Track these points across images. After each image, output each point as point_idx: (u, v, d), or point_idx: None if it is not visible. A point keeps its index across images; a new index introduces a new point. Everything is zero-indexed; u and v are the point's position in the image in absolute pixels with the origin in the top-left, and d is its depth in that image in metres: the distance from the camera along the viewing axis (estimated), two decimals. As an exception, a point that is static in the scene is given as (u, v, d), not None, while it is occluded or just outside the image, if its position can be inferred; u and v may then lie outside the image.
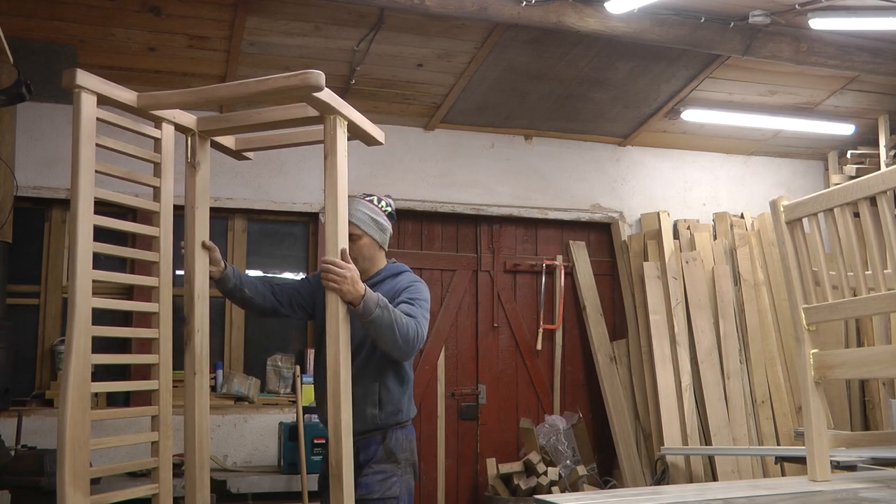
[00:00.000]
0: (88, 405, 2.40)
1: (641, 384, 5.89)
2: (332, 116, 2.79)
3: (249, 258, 5.53)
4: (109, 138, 2.72)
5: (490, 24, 4.71)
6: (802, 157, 6.76)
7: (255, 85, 2.65)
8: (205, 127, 2.99)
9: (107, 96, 2.63)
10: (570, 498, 2.69)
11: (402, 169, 5.75)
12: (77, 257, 2.49)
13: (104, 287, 5.25)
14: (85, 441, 2.32)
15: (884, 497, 2.36)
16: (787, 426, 5.80)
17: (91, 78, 2.56)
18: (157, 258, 2.93)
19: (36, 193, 4.96)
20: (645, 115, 5.95)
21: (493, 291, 6.00)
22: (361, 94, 5.34)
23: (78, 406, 2.33)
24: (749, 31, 4.83)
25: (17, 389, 4.77)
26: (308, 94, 2.62)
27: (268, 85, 2.62)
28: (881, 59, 5.20)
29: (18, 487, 3.99)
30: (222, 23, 4.56)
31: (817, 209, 2.70)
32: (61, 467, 2.22)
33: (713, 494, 2.45)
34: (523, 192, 6.03)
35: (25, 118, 4.89)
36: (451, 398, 5.84)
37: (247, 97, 2.78)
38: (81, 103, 2.56)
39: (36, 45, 4.52)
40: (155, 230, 2.93)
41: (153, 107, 2.81)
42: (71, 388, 2.33)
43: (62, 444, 2.26)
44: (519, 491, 5.23)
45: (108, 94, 2.63)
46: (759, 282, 6.07)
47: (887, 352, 2.63)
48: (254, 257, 5.55)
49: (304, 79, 2.58)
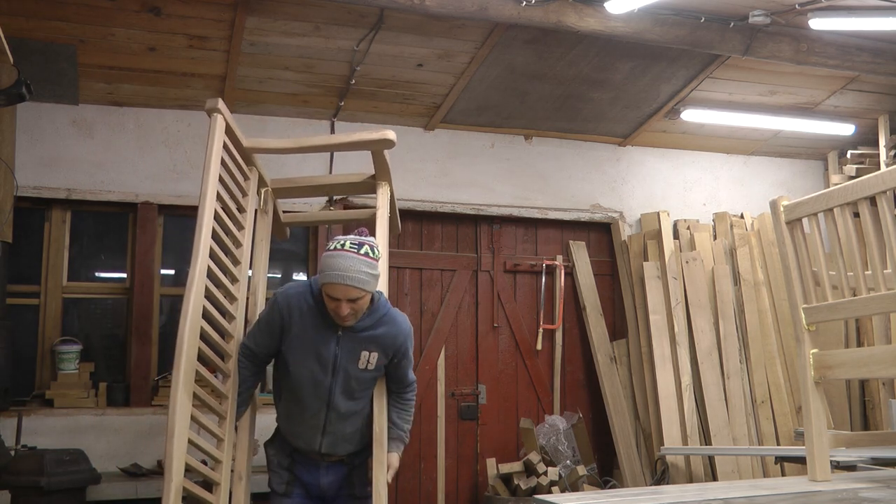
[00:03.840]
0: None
1: (641, 384, 5.89)
2: (384, 182, 3.79)
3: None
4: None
5: (490, 24, 4.71)
6: (802, 157, 6.76)
7: (342, 137, 3.98)
8: (277, 185, 4.02)
9: (230, 126, 3.42)
10: (570, 498, 2.69)
11: (402, 169, 5.74)
12: (199, 252, 3.05)
13: (104, 287, 5.26)
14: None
15: (884, 497, 2.37)
16: (787, 426, 5.80)
17: (225, 110, 3.36)
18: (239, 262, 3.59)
19: (36, 193, 4.95)
20: (645, 115, 5.95)
21: (493, 291, 6.00)
22: (361, 94, 5.34)
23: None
24: (749, 31, 4.83)
25: (18, 389, 4.77)
26: (388, 147, 3.57)
27: (353, 138, 3.70)
28: (881, 59, 5.20)
29: (18, 487, 3.99)
30: (222, 23, 4.56)
31: (817, 209, 2.70)
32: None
33: (713, 494, 2.45)
34: (523, 192, 6.03)
35: (25, 118, 4.89)
36: (451, 398, 5.84)
37: (334, 148, 4.28)
38: (216, 126, 3.27)
39: (36, 45, 4.52)
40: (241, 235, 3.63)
41: (255, 150, 3.67)
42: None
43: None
44: (519, 491, 5.23)
45: (231, 125, 3.43)
46: (759, 282, 6.07)
47: (887, 352, 2.63)
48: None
49: (384, 134, 3.50)
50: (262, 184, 3.91)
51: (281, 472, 3.24)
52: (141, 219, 5.15)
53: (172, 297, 5.29)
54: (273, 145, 3.86)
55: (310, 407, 3.11)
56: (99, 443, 4.80)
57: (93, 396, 4.91)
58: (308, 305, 3.07)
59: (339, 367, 3.06)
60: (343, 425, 3.14)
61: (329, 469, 3.20)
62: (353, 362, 3.07)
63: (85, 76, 4.86)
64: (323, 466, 3.20)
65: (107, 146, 5.12)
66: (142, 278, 5.12)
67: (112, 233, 5.26)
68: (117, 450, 4.86)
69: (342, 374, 3.07)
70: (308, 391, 3.09)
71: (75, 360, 4.92)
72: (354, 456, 3.23)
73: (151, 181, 5.18)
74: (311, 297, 3.07)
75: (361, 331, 3.07)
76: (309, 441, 3.16)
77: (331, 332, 3.05)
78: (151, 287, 5.17)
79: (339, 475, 3.21)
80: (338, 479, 3.21)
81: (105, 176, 5.10)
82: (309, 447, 3.17)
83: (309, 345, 3.06)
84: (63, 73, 4.76)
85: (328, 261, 2.95)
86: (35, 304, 5.05)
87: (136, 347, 5.06)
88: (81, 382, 4.90)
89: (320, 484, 3.20)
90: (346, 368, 3.07)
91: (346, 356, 3.06)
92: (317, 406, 3.09)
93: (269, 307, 3.17)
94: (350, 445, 3.19)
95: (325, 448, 3.15)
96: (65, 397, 4.82)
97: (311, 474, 3.20)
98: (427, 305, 5.84)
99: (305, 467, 3.22)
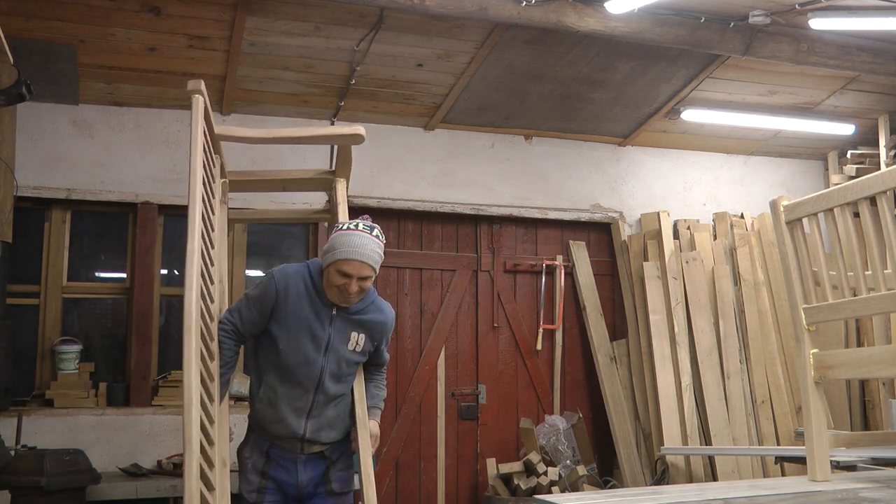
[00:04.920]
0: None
1: (641, 384, 5.89)
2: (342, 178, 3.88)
3: (249, 259, 5.53)
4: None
5: (490, 24, 4.71)
6: (802, 157, 6.76)
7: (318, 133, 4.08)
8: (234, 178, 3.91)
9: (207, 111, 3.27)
10: (570, 498, 2.69)
11: (402, 169, 5.75)
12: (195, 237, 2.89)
13: (104, 287, 5.26)
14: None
15: (884, 497, 2.37)
16: (787, 426, 5.80)
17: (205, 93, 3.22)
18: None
19: (36, 193, 4.95)
20: (645, 116, 5.95)
21: (493, 291, 6.00)
22: (361, 94, 5.34)
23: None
24: (749, 31, 4.83)
25: (18, 389, 4.78)
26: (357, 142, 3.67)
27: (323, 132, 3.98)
28: (881, 59, 5.20)
29: (18, 487, 3.99)
30: (222, 23, 4.56)
31: (817, 209, 2.70)
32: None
33: (713, 494, 2.45)
34: (523, 192, 6.03)
35: (25, 118, 4.89)
36: (451, 398, 5.84)
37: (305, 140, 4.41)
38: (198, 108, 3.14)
39: (36, 45, 4.52)
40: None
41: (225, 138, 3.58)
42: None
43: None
44: (519, 491, 5.23)
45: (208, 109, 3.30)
46: (759, 282, 6.07)
47: (887, 352, 2.63)
48: (253, 258, 5.55)
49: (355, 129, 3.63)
50: (222, 174, 3.80)
51: (252, 478, 3.19)
52: (141, 219, 5.15)
53: (172, 297, 5.29)
54: (243, 134, 3.77)
55: (298, 386, 3.13)
56: (99, 443, 4.80)
57: (93, 396, 4.91)
58: (305, 285, 3.14)
59: (331, 346, 3.14)
60: (327, 409, 3.19)
61: (307, 464, 3.20)
62: (343, 343, 3.17)
63: (85, 76, 4.86)
64: (301, 461, 3.19)
65: (107, 146, 5.13)
66: (142, 278, 5.13)
67: (112, 233, 5.26)
68: (117, 450, 4.86)
69: (333, 355, 3.14)
70: (299, 370, 3.12)
71: (75, 360, 4.92)
72: (333, 448, 3.25)
73: (151, 181, 5.18)
74: (309, 277, 3.15)
75: (354, 313, 3.18)
76: (293, 426, 3.15)
77: (324, 313, 3.14)
78: (151, 287, 5.17)
79: (318, 471, 3.22)
80: (316, 474, 3.22)
81: (105, 176, 5.10)
82: (292, 433, 3.15)
83: (303, 324, 3.11)
84: (63, 73, 4.76)
85: (343, 238, 3.05)
86: (35, 304, 5.05)
87: (136, 347, 5.06)
88: (81, 382, 4.90)
89: (298, 481, 3.19)
90: (337, 349, 3.15)
91: (338, 336, 3.15)
92: (307, 385, 3.13)
93: (262, 284, 3.18)
94: (332, 432, 3.22)
95: (309, 433, 3.16)
96: (65, 397, 4.83)
97: (289, 472, 3.19)
98: (427, 305, 5.84)
99: (282, 465, 3.20)
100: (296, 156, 5.39)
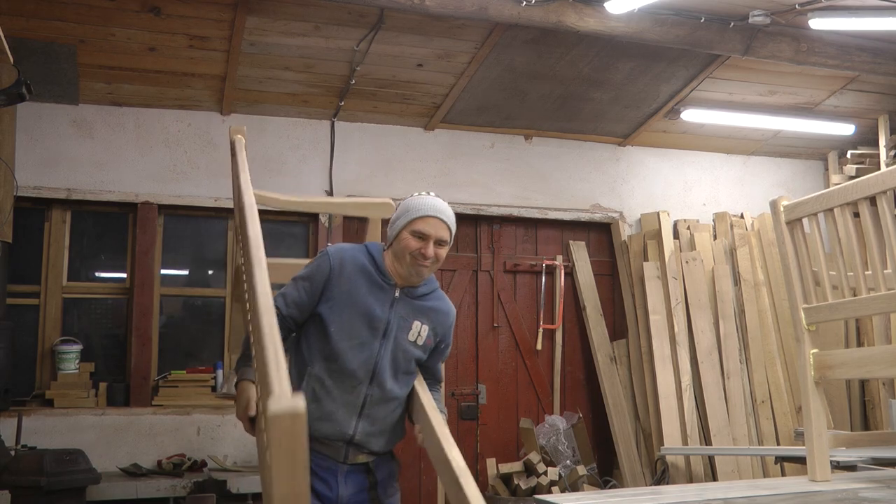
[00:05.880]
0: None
1: (641, 384, 5.89)
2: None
3: (249, 258, 5.53)
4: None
5: (490, 24, 4.71)
6: (802, 157, 6.76)
7: (347, 202, 4.37)
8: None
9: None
10: (570, 498, 2.69)
11: (402, 169, 5.75)
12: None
13: (104, 287, 5.26)
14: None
15: (884, 497, 2.37)
16: (787, 426, 5.80)
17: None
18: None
19: (36, 193, 4.96)
20: (645, 116, 5.95)
21: (493, 291, 6.00)
22: (361, 94, 5.34)
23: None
24: (749, 31, 4.83)
25: (18, 389, 4.77)
26: (384, 215, 3.40)
27: (357, 203, 3.92)
28: (881, 59, 5.20)
29: (18, 487, 3.99)
30: (222, 23, 4.56)
31: (817, 209, 2.70)
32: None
33: (713, 494, 2.45)
34: (523, 192, 6.02)
35: (25, 118, 4.89)
36: (451, 398, 5.84)
37: (334, 209, 4.78)
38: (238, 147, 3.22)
39: (36, 45, 4.52)
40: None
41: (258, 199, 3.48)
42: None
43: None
44: (519, 491, 5.23)
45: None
46: (759, 282, 6.07)
47: (887, 352, 2.63)
48: (254, 257, 5.55)
49: (385, 200, 3.46)
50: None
51: None
52: (141, 219, 5.15)
53: (172, 297, 5.29)
54: (273, 196, 3.55)
55: (351, 377, 2.75)
56: (99, 443, 4.80)
57: (93, 396, 4.92)
58: (362, 264, 2.84)
59: (390, 331, 2.80)
60: (381, 409, 2.83)
61: (348, 477, 2.84)
62: (404, 331, 2.82)
63: (85, 76, 4.86)
64: (342, 472, 2.83)
65: (107, 146, 5.13)
66: (142, 278, 5.13)
67: (112, 233, 5.26)
68: (117, 450, 4.86)
69: (392, 342, 2.80)
70: (352, 356, 2.74)
71: (75, 360, 4.93)
72: (377, 461, 2.93)
73: (151, 181, 5.18)
74: (369, 255, 2.87)
75: (418, 297, 2.88)
76: (342, 425, 2.77)
77: (386, 294, 2.83)
78: (151, 287, 5.17)
79: (360, 487, 2.87)
80: (357, 491, 2.87)
81: (105, 176, 5.10)
82: (340, 433, 2.78)
83: (359, 304, 2.79)
84: (63, 73, 4.77)
85: (419, 200, 2.83)
86: (35, 304, 5.05)
87: (135, 347, 5.06)
88: (81, 382, 4.90)
89: (338, 496, 2.83)
90: (396, 336, 2.82)
91: (399, 322, 2.83)
92: (360, 375, 2.76)
93: (315, 263, 2.89)
94: (381, 439, 2.88)
95: (359, 435, 2.80)
96: (65, 397, 4.83)
97: (329, 485, 2.82)
98: (427, 305, 5.84)
99: (321, 476, 2.82)
100: (296, 156, 5.39)
